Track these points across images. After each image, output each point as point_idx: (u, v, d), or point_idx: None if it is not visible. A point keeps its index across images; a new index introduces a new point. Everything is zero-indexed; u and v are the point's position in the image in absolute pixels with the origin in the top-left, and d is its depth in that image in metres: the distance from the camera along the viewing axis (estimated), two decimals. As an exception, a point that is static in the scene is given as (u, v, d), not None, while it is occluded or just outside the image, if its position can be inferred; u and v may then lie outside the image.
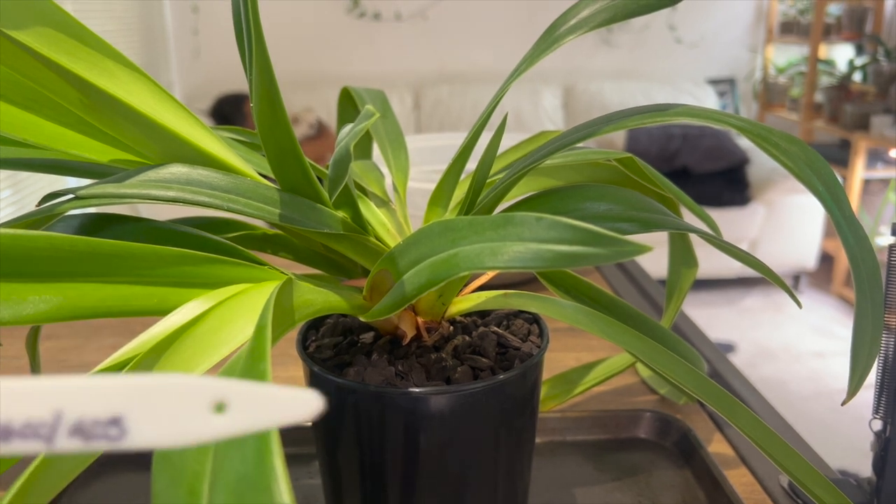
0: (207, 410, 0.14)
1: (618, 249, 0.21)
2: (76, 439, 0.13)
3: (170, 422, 0.14)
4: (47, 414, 0.13)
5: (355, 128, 0.28)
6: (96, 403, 0.14)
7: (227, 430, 0.14)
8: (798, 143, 0.27)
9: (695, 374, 0.30)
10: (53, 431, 0.13)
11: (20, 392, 0.13)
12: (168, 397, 0.14)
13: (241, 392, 0.14)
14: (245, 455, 0.18)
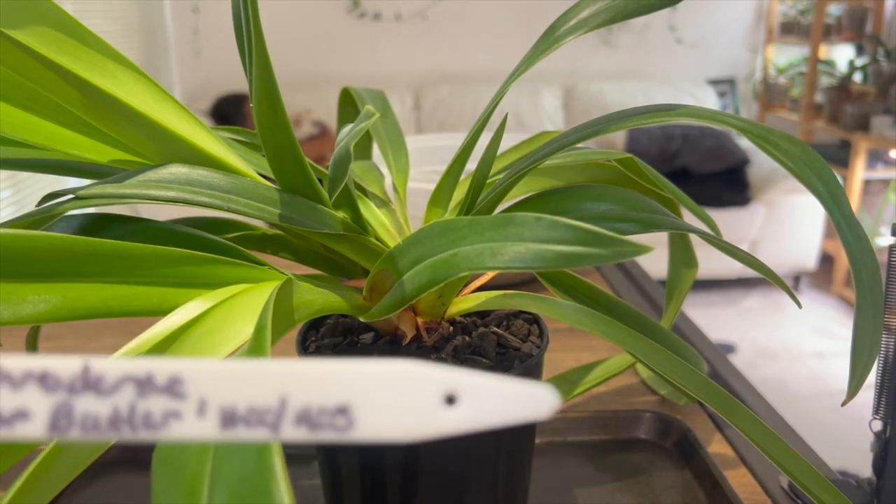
0: (438, 403, 0.13)
1: (618, 250, 0.21)
2: (302, 428, 0.13)
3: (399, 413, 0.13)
4: (273, 399, 0.13)
5: (355, 128, 0.28)
6: (323, 390, 0.13)
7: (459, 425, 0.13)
8: (798, 144, 0.27)
9: (695, 375, 0.30)
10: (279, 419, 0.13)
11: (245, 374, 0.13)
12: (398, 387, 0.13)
13: (475, 385, 0.13)
14: (245, 456, 0.18)
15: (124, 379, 0.13)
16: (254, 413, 0.13)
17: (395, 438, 0.13)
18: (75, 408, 0.13)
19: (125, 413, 0.13)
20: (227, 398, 0.13)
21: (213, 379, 0.13)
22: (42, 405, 0.13)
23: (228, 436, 0.13)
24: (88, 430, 0.13)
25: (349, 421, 0.13)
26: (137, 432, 0.13)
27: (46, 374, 0.13)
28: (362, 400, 0.13)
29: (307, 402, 0.13)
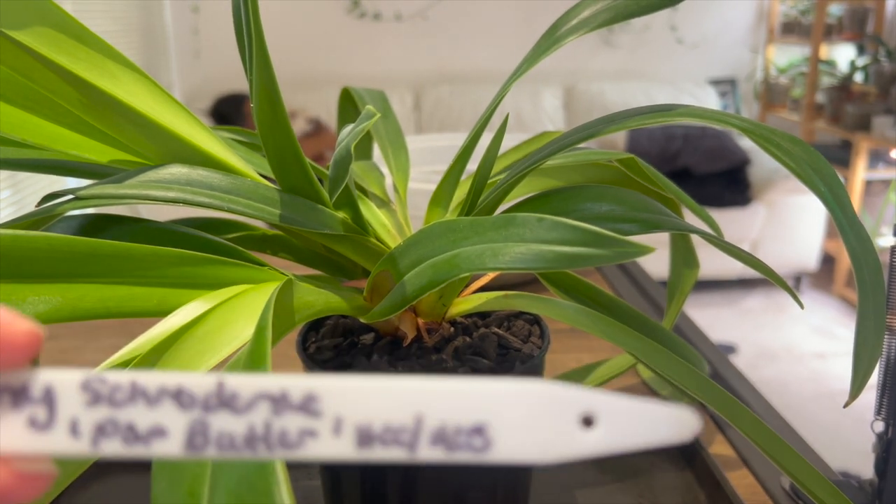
0: (575, 424, 0.13)
1: (619, 250, 0.21)
2: (439, 448, 0.12)
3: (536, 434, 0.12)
4: (408, 418, 0.12)
5: (356, 128, 0.28)
6: (459, 409, 0.12)
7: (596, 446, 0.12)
8: (800, 144, 0.27)
9: (696, 376, 0.30)
10: (415, 438, 0.12)
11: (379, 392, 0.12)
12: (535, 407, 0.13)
13: (613, 406, 0.13)
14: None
15: (259, 396, 0.12)
16: (389, 432, 0.12)
17: (533, 460, 0.12)
18: (211, 426, 0.12)
19: (261, 431, 0.12)
20: (363, 416, 0.12)
21: (348, 396, 0.12)
22: (178, 423, 0.12)
23: (365, 455, 0.12)
24: (224, 449, 0.12)
25: (486, 441, 0.12)
26: (274, 451, 0.12)
27: (181, 390, 0.12)
28: (499, 419, 0.12)
29: (443, 420, 0.12)
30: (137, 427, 0.12)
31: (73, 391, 0.13)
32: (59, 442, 0.12)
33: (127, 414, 0.12)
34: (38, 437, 0.12)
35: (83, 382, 0.13)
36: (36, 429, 0.12)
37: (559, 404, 0.13)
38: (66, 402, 0.13)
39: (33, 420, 0.12)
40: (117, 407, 0.12)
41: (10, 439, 0.12)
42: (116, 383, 0.12)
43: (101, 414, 0.12)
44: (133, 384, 0.12)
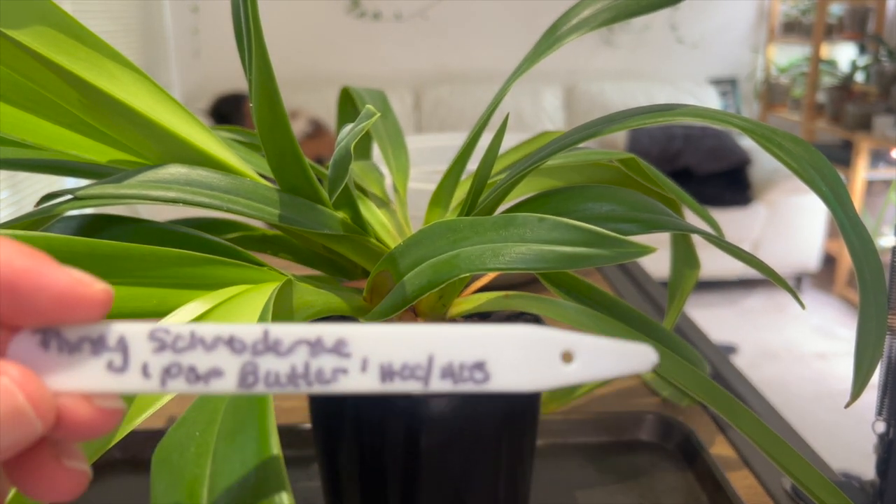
0: (557, 359, 0.15)
1: (621, 251, 0.21)
2: (447, 381, 0.15)
3: (526, 368, 0.15)
4: (422, 357, 0.15)
5: (356, 128, 0.28)
6: (463, 349, 0.15)
7: (576, 377, 0.15)
8: (802, 144, 0.27)
9: (697, 376, 0.30)
10: (428, 374, 0.15)
11: (398, 336, 0.15)
12: (523, 346, 0.15)
13: (586, 344, 0.15)
14: (245, 458, 0.18)
15: (298, 342, 0.15)
16: (407, 368, 0.15)
17: (523, 389, 0.15)
18: (259, 366, 0.15)
19: (301, 370, 0.15)
20: (385, 356, 0.15)
21: (373, 340, 0.15)
22: (232, 364, 0.15)
23: (387, 388, 0.15)
24: (271, 386, 0.15)
25: (485, 375, 0.15)
26: (312, 386, 0.15)
27: (233, 338, 0.15)
28: (495, 357, 0.15)
29: (450, 359, 0.15)
30: (198, 369, 0.15)
31: (142, 340, 0.15)
32: (134, 382, 0.15)
33: (189, 358, 0.15)
34: (116, 379, 0.15)
35: (150, 332, 0.15)
36: (113, 371, 0.15)
37: (544, 343, 0.15)
38: (137, 349, 0.15)
39: (111, 364, 0.15)
40: (180, 353, 0.15)
41: (92, 380, 0.15)
42: (178, 333, 0.15)
43: (167, 359, 0.15)
44: (192, 333, 0.15)
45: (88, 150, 0.29)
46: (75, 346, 0.15)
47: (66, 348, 0.14)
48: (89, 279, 0.14)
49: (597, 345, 0.15)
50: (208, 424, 0.20)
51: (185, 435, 0.20)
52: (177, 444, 0.20)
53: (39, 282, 0.14)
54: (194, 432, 0.20)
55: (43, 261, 0.14)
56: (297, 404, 0.43)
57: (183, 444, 0.20)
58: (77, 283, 0.14)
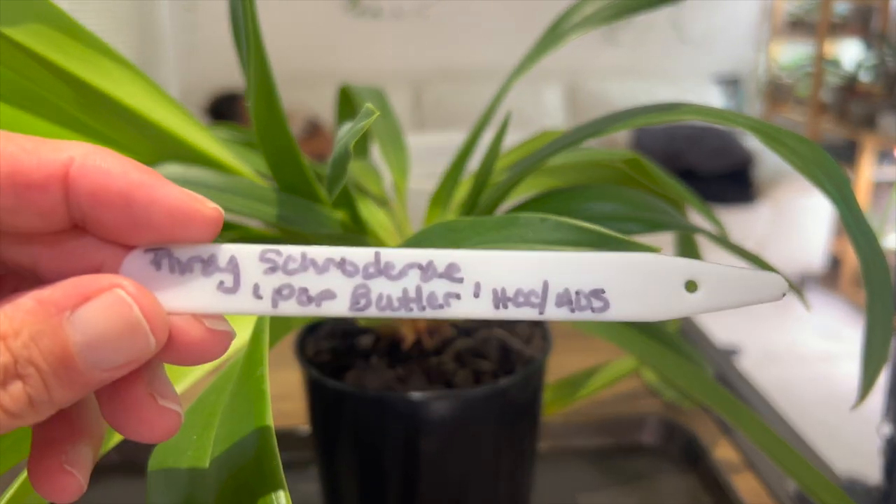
0: (681, 288, 0.14)
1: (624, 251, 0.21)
2: (564, 308, 0.14)
3: (648, 297, 0.14)
4: (537, 283, 0.14)
5: (354, 127, 0.28)
6: (580, 276, 0.14)
7: (701, 306, 0.14)
8: (807, 143, 0.27)
9: (700, 378, 0.29)
10: (543, 300, 0.14)
11: (511, 260, 0.14)
12: (645, 273, 0.14)
13: (712, 272, 0.14)
14: (242, 461, 0.17)
15: (409, 265, 0.14)
16: (521, 294, 0.14)
17: (645, 318, 0.14)
18: (371, 289, 0.14)
19: (413, 294, 0.14)
20: (498, 282, 0.14)
21: (485, 265, 0.14)
22: (344, 287, 0.14)
23: (501, 314, 0.14)
24: (384, 309, 0.14)
25: (604, 303, 0.14)
26: (425, 311, 0.15)
27: (345, 260, 0.14)
28: (615, 284, 0.14)
29: (567, 285, 0.14)
30: (310, 290, 0.14)
31: (253, 260, 0.14)
32: (245, 303, 0.14)
33: (300, 280, 0.14)
34: (227, 299, 0.14)
35: (261, 254, 0.14)
36: (224, 292, 0.14)
37: (666, 271, 0.14)
38: (248, 270, 0.14)
39: (222, 285, 0.14)
40: (291, 274, 0.14)
41: (203, 301, 0.14)
42: (290, 254, 0.14)
43: (279, 280, 0.14)
44: (303, 255, 0.14)
45: (85, 149, 0.29)
46: (186, 265, 0.14)
47: (178, 268, 0.14)
48: (201, 198, 0.14)
49: (723, 273, 0.14)
50: (205, 428, 0.20)
51: (181, 438, 0.20)
52: (173, 447, 0.20)
53: (153, 195, 0.14)
54: (191, 436, 0.20)
55: (157, 177, 0.14)
56: (295, 407, 0.43)
57: (180, 448, 0.19)
58: (191, 199, 0.14)
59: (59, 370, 0.13)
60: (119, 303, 0.13)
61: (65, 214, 0.14)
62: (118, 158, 0.14)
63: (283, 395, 0.45)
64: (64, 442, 0.14)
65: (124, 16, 2.19)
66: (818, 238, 2.26)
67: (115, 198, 0.14)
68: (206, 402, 0.21)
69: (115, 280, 0.13)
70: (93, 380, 0.13)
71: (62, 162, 0.13)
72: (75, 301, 0.13)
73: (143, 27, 2.33)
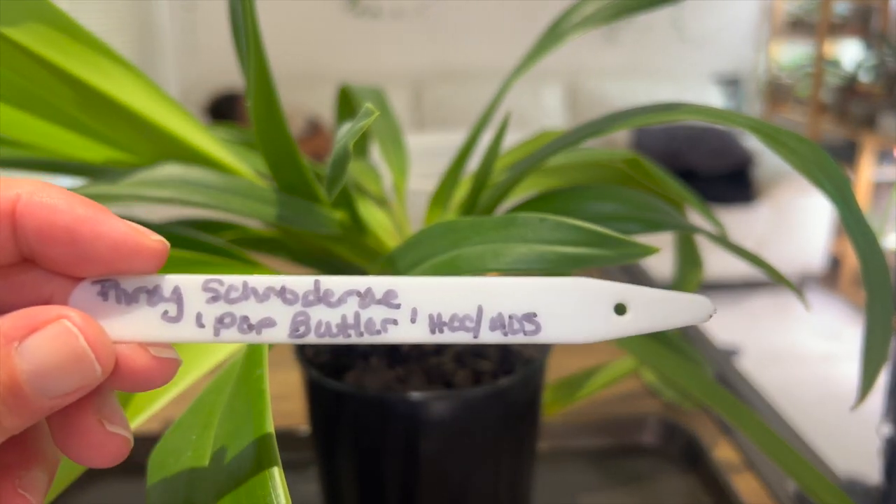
0: (610, 310, 0.15)
1: (623, 251, 0.21)
2: (497, 332, 0.15)
3: (578, 319, 0.15)
4: (472, 308, 0.15)
5: (354, 127, 0.28)
6: (513, 300, 0.15)
7: (630, 328, 0.15)
8: (807, 143, 0.27)
9: (700, 378, 0.29)
10: (478, 325, 0.15)
11: (447, 287, 0.15)
12: (575, 297, 0.15)
13: (640, 295, 0.15)
14: (242, 462, 0.17)
15: (348, 293, 0.15)
16: (456, 319, 0.15)
17: (576, 340, 0.15)
18: (311, 317, 0.15)
19: (351, 320, 0.15)
20: (434, 307, 0.15)
21: (422, 291, 0.15)
22: (284, 314, 0.15)
23: (437, 338, 0.15)
24: (323, 335, 0.15)
25: (536, 326, 0.15)
26: (363, 336, 0.15)
27: (285, 288, 0.15)
28: (547, 308, 0.15)
29: (500, 310, 0.15)
30: (251, 319, 0.15)
31: (196, 290, 0.15)
32: (188, 331, 0.15)
33: (241, 308, 0.15)
34: (171, 328, 0.15)
35: (204, 283, 0.15)
36: (168, 321, 0.15)
37: (596, 294, 0.15)
38: (191, 300, 0.15)
39: (166, 314, 0.15)
40: (233, 303, 0.15)
41: (148, 330, 0.15)
42: (231, 284, 0.15)
43: (221, 308, 0.15)
44: (245, 284, 0.15)
45: (83, 149, 0.29)
46: (132, 296, 0.15)
47: (124, 298, 0.15)
48: (146, 230, 0.15)
49: (651, 295, 0.15)
50: (204, 428, 0.20)
51: (181, 439, 0.20)
52: (173, 448, 0.20)
53: (98, 230, 0.14)
54: (190, 436, 0.20)
55: (102, 210, 0.14)
56: (295, 407, 0.43)
57: (179, 448, 0.19)
58: (135, 232, 0.14)
59: (8, 398, 0.13)
60: (65, 333, 0.14)
61: (14, 249, 0.14)
62: (65, 194, 0.14)
63: (283, 395, 0.45)
64: (17, 467, 0.15)
65: (124, 16, 2.19)
66: (818, 238, 2.26)
67: (61, 233, 0.14)
68: (205, 402, 0.21)
69: (62, 311, 0.14)
70: (41, 407, 0.14)
71: (9, 199, 0.14)
72: (23, 332, 0.13)
73: (143, 27, 2.33)
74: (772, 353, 1.95)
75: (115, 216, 0.14)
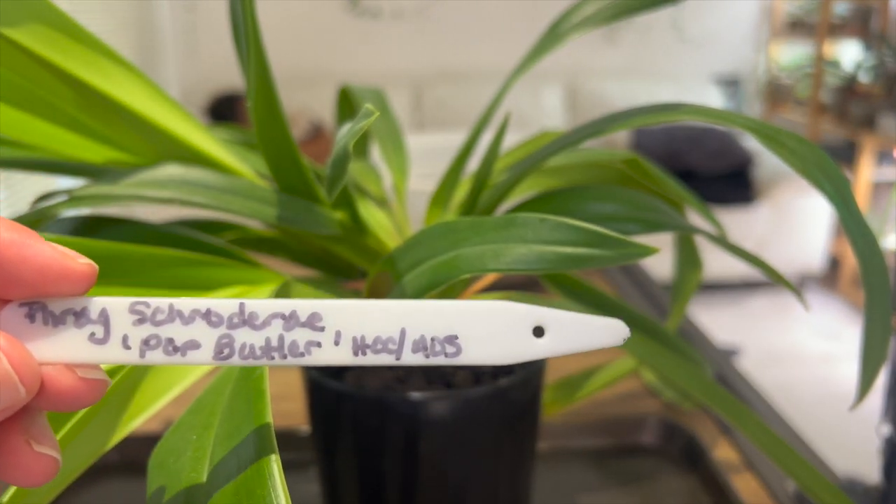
0: (528, 333, 0.15)
1: (623, 251, 0.21)
2: (419, 354, 0.15)
3: (498, 341, 0.15)
4: (395, 331, 0.15)
5: (354, 127, 0.28)
6: (435, 323, 0.15)
7: (548, 350, 0.15)
8: (806, 144, 0.27)
9: (700, 379, 0.29)
10: (400, 347, 0.15)
11: (370, 310, 0.15)
12: (495, 320, 0.15)
13: (557, 318, 0.15)
14: (242, 462, 0.17)
15: (273, 315, 0.15)
16: (379, 342, 0.15)
17: (496, 362, 0.15)
18: (235, 339, 0.15)
19: (276, 343, 0.15)
20: (358, 330, 0.15)
21: (346, 314, 0.15)
22: (209, 337, 0.15)
23: (360, 361, 0.15)
24: (247, 358, 0.15)
25: (457, 348, 0.15)
26: (287, 359, 0.15)
27: (210, 311, 0.15)
28: (467, 331, 0.15)
29: (422, 332, 0.15)
30: (176, 341, 0.15)
31: (123, 313, 0.15)
32: (114, 353, 0.15)
33: (167, 331, 0.15)
34: (98, 349, 0.15)
35: (130, 305, 0.15)
36: (95, 343, 0.15)
37: (514, 317, 0.15)
38: (118, 322, 0.15)
39: (93, 336, 0.15)
40: (158, 325, 0.15)
41: (75, 351, 0.15)
42: (158, 306, 0.15)
43: (147, 331, 0.15)
44: (171, 306, 0.15)
45: (84, 149, 0.29)
46: (59, 318, 0.15)
47: (51, 320, 0.15)
48: (73, 254, 0.15)
49: (568, 319, 0.15)
50: (205, 428, 0.20)
51: (181, 439, 0.20)
52: (173, 448, 0.20)
53: (24, 253, 0.14)
54: (191, 436, 0.20)
55: (28, 234, 0.14)
56: (295, 407, 0.43)
57: (179, 449, 0.19)
58: (61, 256, 0.15)
59: None
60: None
61: None
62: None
63: (283, 395, 0.45)
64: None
65: (124, 16, 2.19)
66: (818, 239, 2.26)
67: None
68: (205, 402, 0.21)
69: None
70: None
71: None
72: None
73: (144, 28, 2.33)
74: (771, 353, 1.95)
75: (42, 240, 0.15)
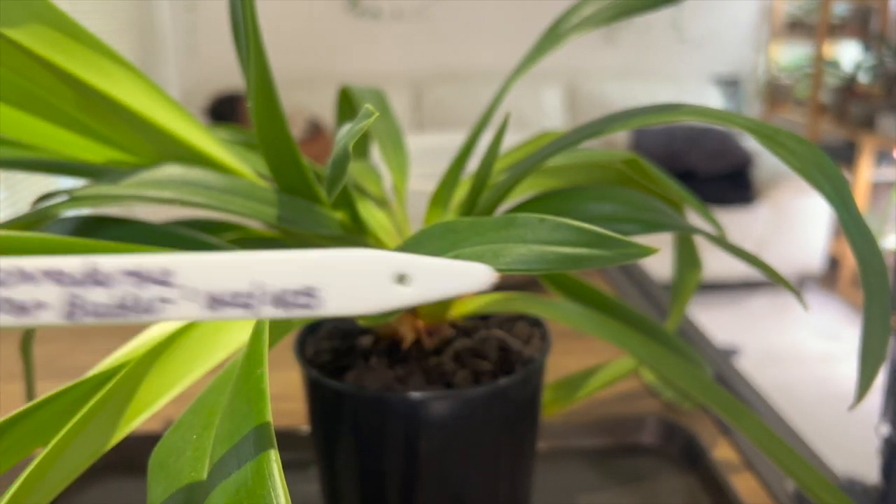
0: (391, 281, 0.15)
1: (622, 251, 0.21)
2: (278, 309, 0.15)
3: (359, 292, 0.15)
4: (251, 285, 0.15)
5: (354, 127, 0.28)
6: (293, 275, 0.15)
7: (411, 299, 0.15)
8: (806, 144, 0.27)
9: (699, 379, 0.30)
10: (258, 301, 0.15)
11: (225, 264, 0.15)
12: (355, 269, 0.15)
13: (419, 265, 0.15)
14: (242, 462, 0.17)
15: (124, 273, 0.15)
16: (236, 296, 0.15)
17: (359, 312, 0.15)
18: (86, 298, 0.15)
19: (129, 301, 0.15)
20: (213, 285, 0.15)
21: (199, 269, 0.15)
22: (57, 296, 0.15)
23: (216, 315, 0.15)
24: (99, 317, 0.15)
25: (318, 300, 0.15)
26: (140, 316, 0.15)
27: (59, 271, 0.15)
28: (327, 282, 0.15)
29: (280, 286, 0.15)
30: (25, 302, 0.15)
31: None
32: None
33: (15, 292, 0.15)
34: None
35: None
36: None
37: (375, 265, 0.15)
38: None
39: None
40: (8, 287, 0.15)
41: None
42: (5, 268, 0.15)
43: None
44: (19, 269, 0.15)
45: (84, 149, 0.29)
46: None
47: None
48: None
49: (430, 264, 0.15)
50: (205, 428, 0.20)
51: (181, 438, 0.20)
52: (173, 447, 0.20)
53: None
54: (191, 436, 0.20)
55: None
56: (295, 407, 0.43)
57: (179, 448, 0.19)
58: None
59: None
60: None
61: None
62: None
63: (283, 395, 0.45)
64: None
65: (125, 17, 2.19)
66: (817, 239, 2.26)
67: None
68: (205, 401, 0.21)
69: None
70: None
71: None
72: None
73: (144, 28, 2.33)
74: (771, 353, 1.95)
75: None
